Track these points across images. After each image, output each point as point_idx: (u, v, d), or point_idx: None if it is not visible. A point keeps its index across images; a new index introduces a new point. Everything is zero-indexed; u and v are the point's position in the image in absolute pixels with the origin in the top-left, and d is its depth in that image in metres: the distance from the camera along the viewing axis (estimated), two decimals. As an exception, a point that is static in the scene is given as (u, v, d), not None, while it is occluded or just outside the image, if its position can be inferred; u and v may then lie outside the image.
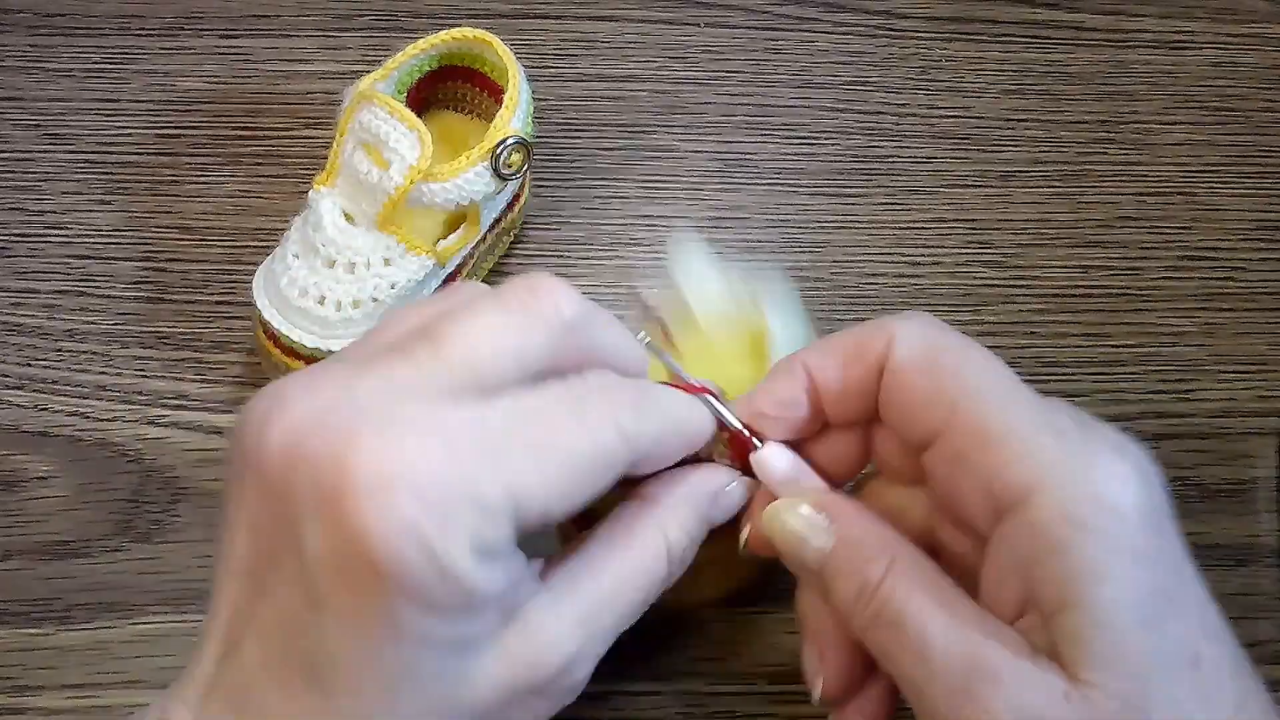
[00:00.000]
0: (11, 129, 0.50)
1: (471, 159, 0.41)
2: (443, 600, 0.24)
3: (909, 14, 0.56)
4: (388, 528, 0.23)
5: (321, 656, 0.24)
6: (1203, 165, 0.52)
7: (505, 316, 0.26)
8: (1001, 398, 0.28)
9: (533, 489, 0.25)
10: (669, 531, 0.29)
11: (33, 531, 0.40)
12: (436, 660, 0.25)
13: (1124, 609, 0.25)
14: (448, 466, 0.24)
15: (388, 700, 0.25)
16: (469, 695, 0.26)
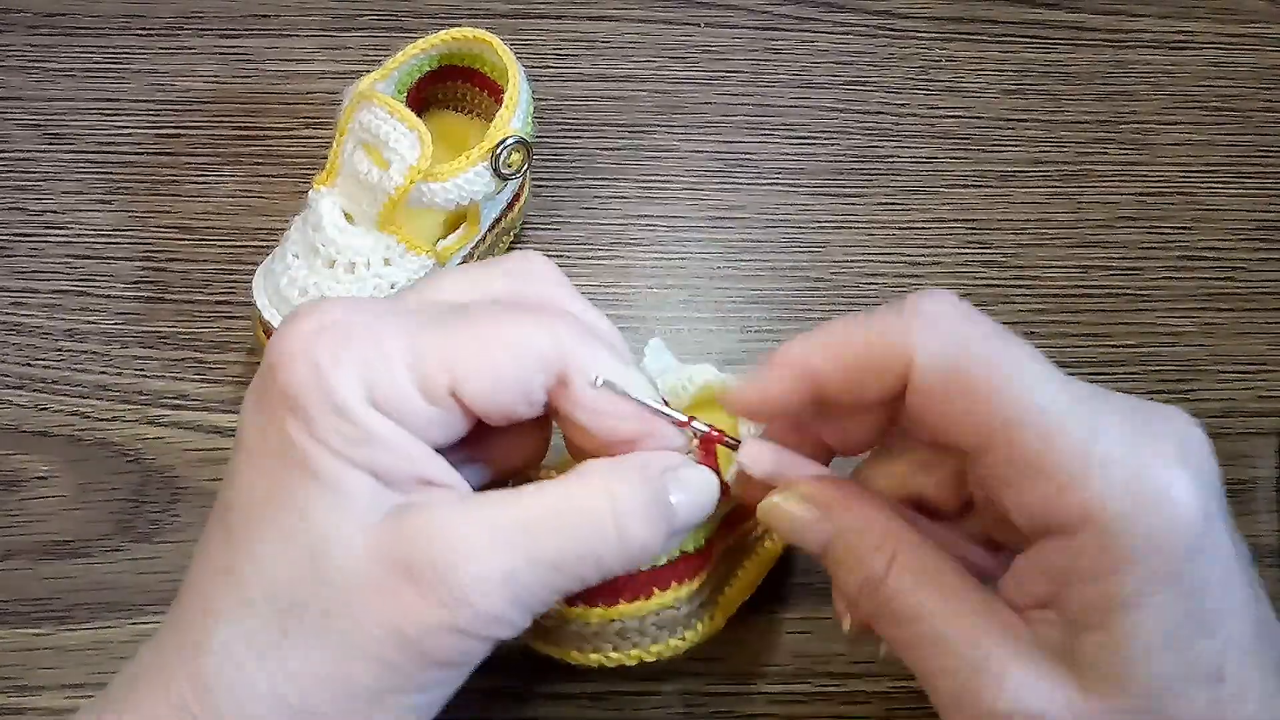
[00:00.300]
0: (11, 129, 0.50)
1: (471, 159, 0.41)
2: (323, 423, 0.25)
3: (909, 14, 0.56)
4: (289, 350, 0.26)
5: (229, 497, 0.27)
6: (1203, 165, 0.52)
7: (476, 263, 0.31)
8: (1043, 418, 0.25)
9: (441, 353, 0.26)
10: (614, 486, 0.28)
11: (33, 531, 0.41)
12: (315, 499, 0.26)
13: (1149, 635, 0.25)
14: (362, 318, 0.27)
15: (268, 530, 0.26)
16: (342, 557, 0.25)
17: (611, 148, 0.51)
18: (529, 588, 0.26)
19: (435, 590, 0.25)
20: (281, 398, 0.26)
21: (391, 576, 0.25)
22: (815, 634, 0.39)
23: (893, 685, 0.38)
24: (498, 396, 0.27)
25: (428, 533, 0.26)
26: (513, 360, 0.27)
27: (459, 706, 0.38)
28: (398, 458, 0.26)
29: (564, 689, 0.38)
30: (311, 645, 0.25)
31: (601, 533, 0.27)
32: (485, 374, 0.27)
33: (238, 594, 0.26)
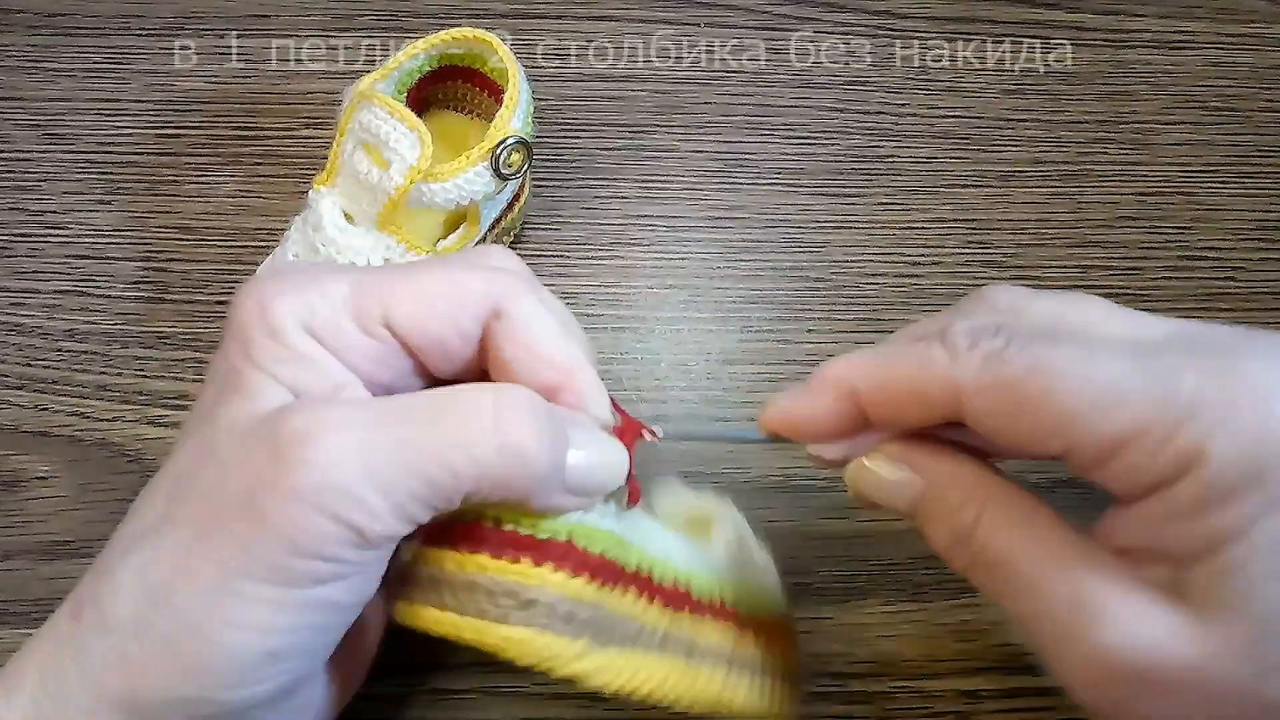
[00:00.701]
0: (11, 129, 0.50)
1: (471, 159, 0.41)
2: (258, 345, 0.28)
3: (909, 14, 0.56)
4: (242, 294, 0.28)
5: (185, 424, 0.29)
6: (1203, 165, 0.52)
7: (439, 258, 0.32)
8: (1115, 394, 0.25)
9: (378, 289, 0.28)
10: (502, 388, 0.27)
11: (33, 531, 0.41)
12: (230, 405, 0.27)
13: (1259, 560, 0.24)
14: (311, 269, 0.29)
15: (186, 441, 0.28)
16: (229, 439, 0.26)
17: (611, 148, 0.51)
18: (389, 465, 0.25)
19: (288, 456, 0.25)
20: (231, 331, 0.28)
21: (259, 454, 0.25)
22: (815, 634, 0.39)
23: (893, 685, 0.38)
24: (428, 324, 0.28)
25: (300, 411, 0.26)
26: (444, 292, 0.29)
27: (460, 706, 0.38)
28: (321, 379, 0.28)
29: (564, 689, 0.38)
30: (184, 528, 0.26)
31: (479, 421, 0.26)
32: (416, 302, 0.28)
33: (149, 491, 0.28)
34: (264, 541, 0.25)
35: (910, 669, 0.39)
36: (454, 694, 0.38)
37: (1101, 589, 0.26)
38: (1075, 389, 0.25)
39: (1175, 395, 0.25)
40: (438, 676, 0.38)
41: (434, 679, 0.38)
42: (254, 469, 0.25)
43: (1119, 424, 0.25)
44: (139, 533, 0.27)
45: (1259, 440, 0.24)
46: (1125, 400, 0.25)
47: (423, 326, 0.28)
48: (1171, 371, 0.25)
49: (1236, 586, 0.25)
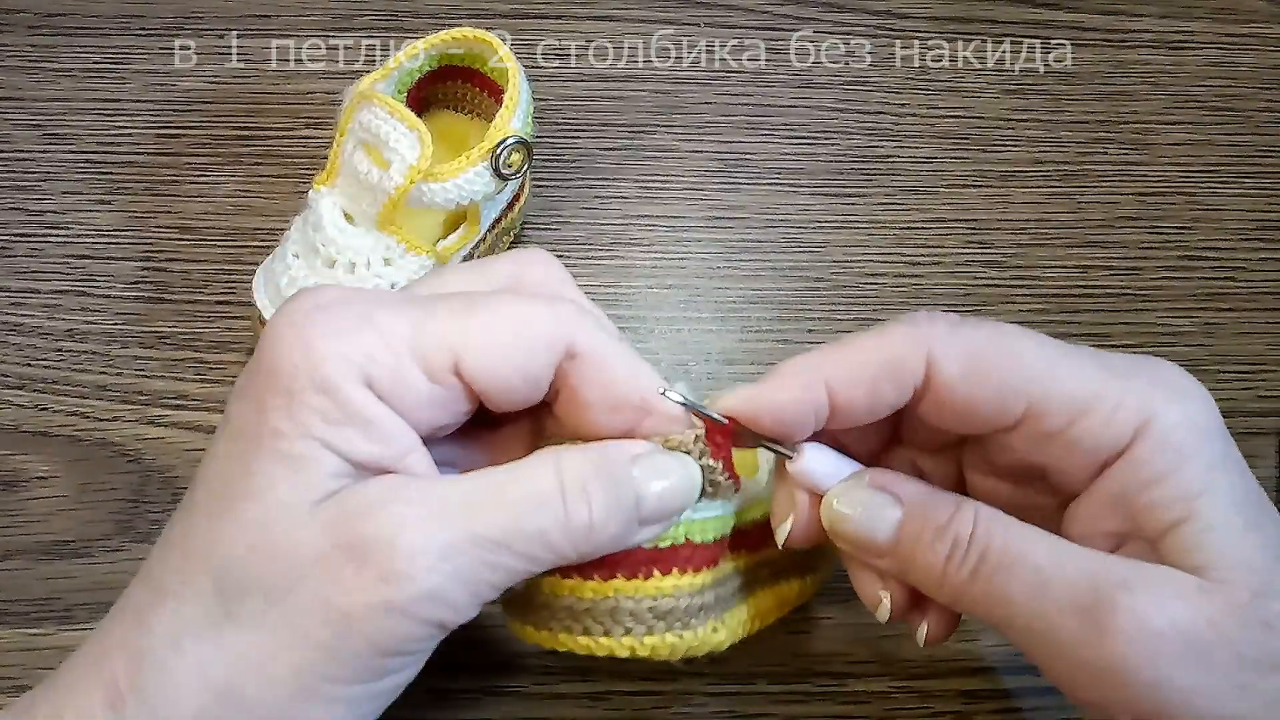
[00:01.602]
0: (11, 129, 0.50)
1: (471, 159, 0.41)
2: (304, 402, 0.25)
3: (909, 14, 0.56)
4: (281, 329, 0.26)
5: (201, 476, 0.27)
6: (1203, 165, 0.52)
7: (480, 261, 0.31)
8: (1068, 369, 0.28)
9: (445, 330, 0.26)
10: (564, 462, 0.27)
11: (33, 531, 0.41)
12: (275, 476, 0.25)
13: (1229, 515, 0.26)
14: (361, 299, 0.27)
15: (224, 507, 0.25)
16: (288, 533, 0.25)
17: (611, 148, 0.51)
18: (472, 564, 0.25)
19: (372, 564, 0.24)
20: (267, 376, 0.25)
21: (335, 552, 0.24)
22: (815, 634, 0.39)
23: (892, 685, 0.38)
24: (502, 371, 0.26)
25: (369, 507, 0.25)
26: (517, 336, 0.27)
27: (460, 706, 0.38)
28: (378, 444, 0.26)
29: (564, 689, 0.38)
30: (249, 626, 0.25)
31: (548, 508, 0.26)
32: (490, 348, 0.26)
33: (185, 571, 0.25)
34: (349, 648, 0.25)
35: (910, 669, 0.39)
36: (454, 694, 0.38)
37: (1115, 565, 0.27)
38: (1037, 356, 0.28)
39: (1117, 375, 0.28)
40: (438, 676, 0.38)
41: (434, 679, 0.38)
42: (335, 577, 0.24)
43: (1079, 385, 0.27)
44: (190, 626, 0.25)
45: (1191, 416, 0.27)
46: (1079, 370, 0.28)
47: (495, 373, 0.26)
48: (1107, 359, 0.28)
49: (1220, 542, 0.26)
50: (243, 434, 0.26)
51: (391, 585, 0.24)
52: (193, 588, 0.25)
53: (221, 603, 0.25)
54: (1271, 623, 0.26)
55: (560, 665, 0.38)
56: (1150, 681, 0.25)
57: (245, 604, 0.25)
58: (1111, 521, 0.28)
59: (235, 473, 0.26)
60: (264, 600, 0.25)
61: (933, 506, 0.29)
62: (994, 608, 0.27)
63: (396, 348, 0.26)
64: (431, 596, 0.25)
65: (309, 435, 0.25)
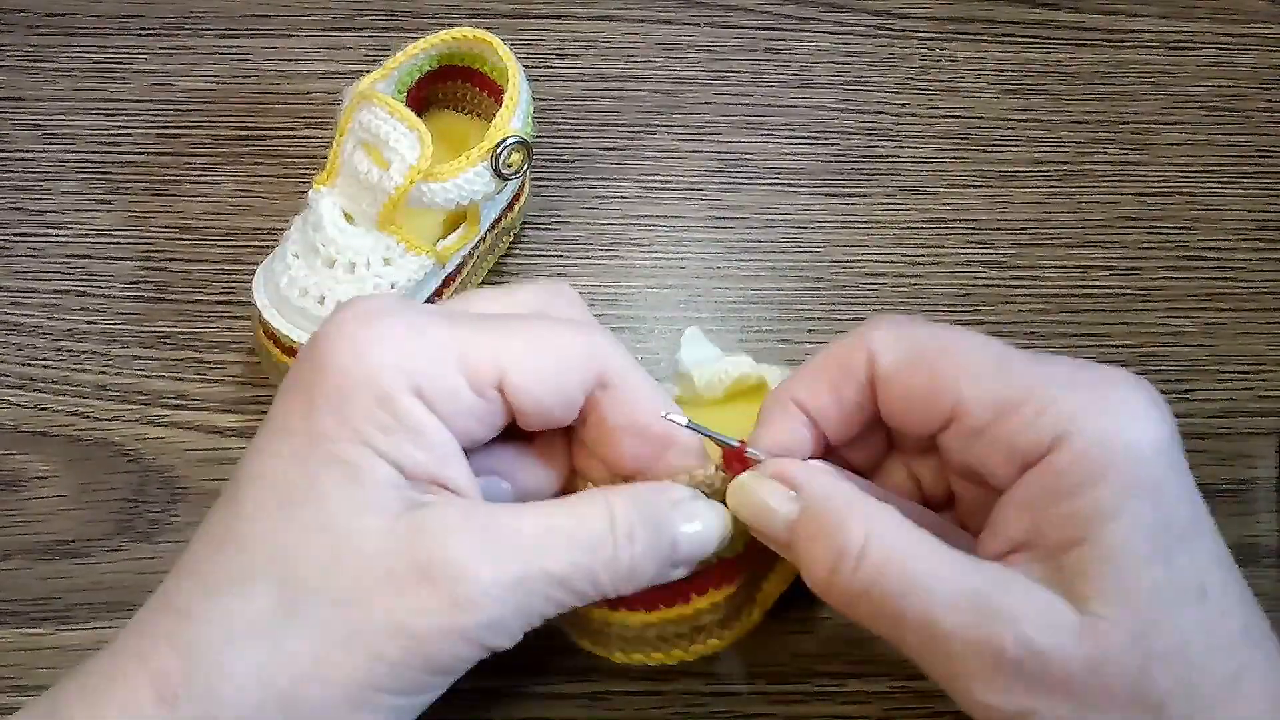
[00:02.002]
0: (11, 129, 0.50)
1: (471, 159, 0.41)
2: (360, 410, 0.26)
3: (909, 14, 0.56)
4: (336, 336, 0.27)
5: (245, 471, 0.27)
6: (1203, 165, 0.52)
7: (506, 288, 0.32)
8: (1000, 368, 0.28)
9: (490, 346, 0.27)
10: (615, 504, 0.28)
11: (33, 531, 0.41)
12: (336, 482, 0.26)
13: (1133, 544, 0.25)
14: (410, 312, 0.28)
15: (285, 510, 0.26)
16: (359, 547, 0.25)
17: (611, 148, 0.51)
18: (533, 599, 0.27)
19: (449, 591, 0.25)
20: (321, 381, 0.26)
21: (407, 573, 0.25)
22: (815, 634, 0.39)
23: (892, 685, 0.38)
24: (541, 390, 0.28)
25: (445, 532, 0.26)
26: (556, 358, 0.28)
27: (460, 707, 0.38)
28: (426, 452, 0.27)
29: (564, 689, 0.38)
30: (315, 631, 0.25)
31: (601, 549, 0.28)
32: (532, 369, 0.28)
33: (244, 568, 0.26)
34: (410, 664, 0.26)
35: (910, 669, 0.39)
36: (454, 694, 0.38)
37: (1002, 589, 0.26)
38: (970, 352, 0.28)
39: (1052, 379, 0.27)
40: (438, 676, 0.38)
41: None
42: (408, 596, 0.25)
43: (1006, 385, 0.27)
44: (250, 623, 0.25)
45: (1118, 432, 0.26)
46: (1012, 370, 0.28)
47: (535, 392, 0.28)
48: (1049, 364, 0.28)
49: (1114, 573, 0.25)
50: (294, 433, 0.26)
51: (466, 612, 0.25)
52: (252, 587, 0.25)
53: (285, 605, 0.25)
54: (1147, 666, 0.25)
55: (560, 665, 0.38)
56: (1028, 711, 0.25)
57: (310, 608, 0.25)
58: (1018, 528, 0.27)
59: (293, 474, 0.26)
60: (331, 607, 0.25)
61: (827, 510, 0.28)
62: (880, 622, 0.27)
63: (445, 359, 0.27)
64: (494, 625, 0.26)
65: (364, 442, 0.26)
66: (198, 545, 0.27)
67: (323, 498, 0.26)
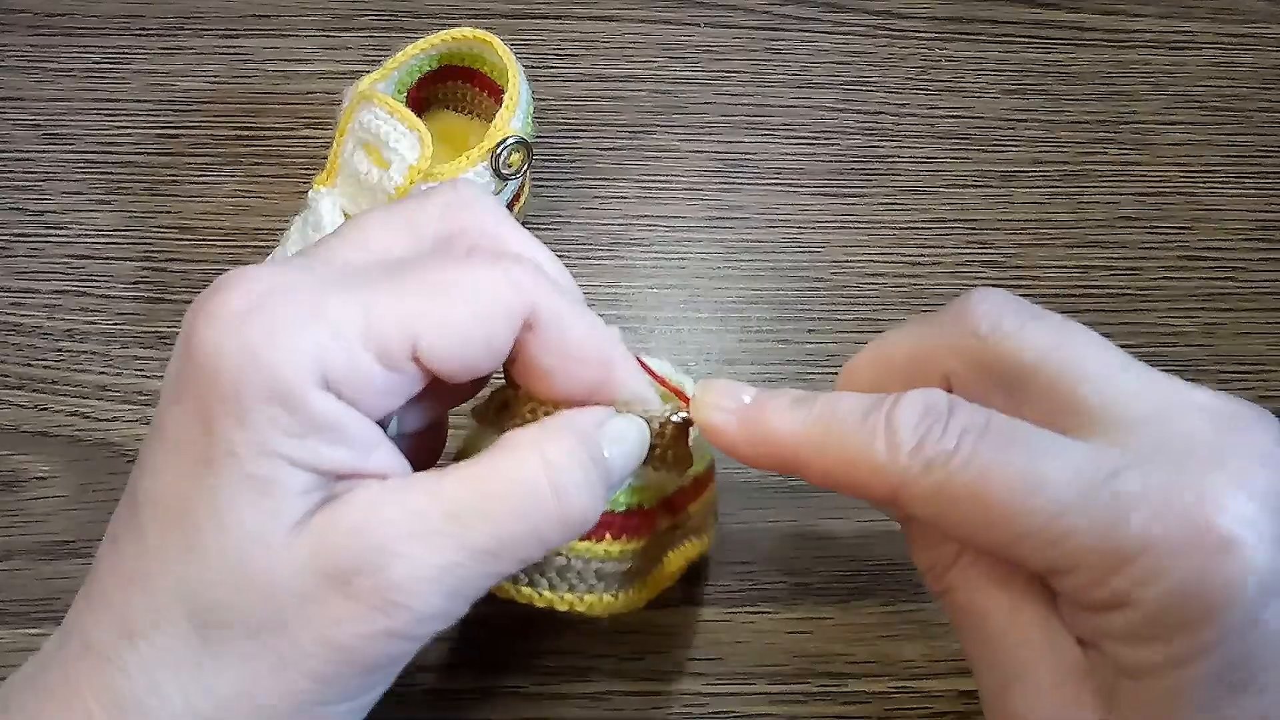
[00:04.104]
0: (11, 129, 0.50)
1: (471, 159, 0.41)
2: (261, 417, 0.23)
3: (909, 14, 0.56)
4: (217, 335, 0.23)
5: (142, 493, 0.24)
6: (1203, 165, 0.52)
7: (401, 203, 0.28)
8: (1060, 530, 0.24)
9: (398, 314, 0.24)
10: (548, 451, 0.25)
11: (33, 531, 0.41)
12: (241, 503, 0.23)
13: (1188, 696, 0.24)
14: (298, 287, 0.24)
15: (189, 539, 0.23)
16: (266, 567, 0.23)
17: (611, 148, 0.51)
18: (466, 578, 0.24)
19: (368, 596, 0.23)
20: (210, 388, 0.23)
21: (321, 585, 0.23)
22: (815, 634, 0.39)
23: (892, 685, 0.38)
24: (462, 352, 0.25)
25: (353, 533, 0.24)
26: (476, 313, 0.25)
27: (460, 707, 0.38)
28: (345, 449, 0.24)
29: (564, 689, 0.38)
30: (235, 660, 0.23)
31: (541, 507, 0.25)
32: (449, 331, 0.24)
33: (154, 604, 0.24)
34: (343, 673, 0.24)
35: (910, 669, 0.39)
36: (454, 694, 0.38)
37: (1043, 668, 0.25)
38: (1016, 516, 0.24)
39: (1117, 539, 0.23)
40: (438, 676, 0.38)
41: (434, 679, 0.38)
42: (327, 610, 0.23)
43: (1055, 557, 0.24)
44: (169, 665, 0.24)
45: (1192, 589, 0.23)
46: (1066, 537, 0.24)
47: (454, 355, 0.25)
48: (1120, 508, 0.23)
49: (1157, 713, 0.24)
50: (189, 451, 0.23)
51: (391, 615, 0.24)
52: (166, 624, 0.24)
53: (201, 638, 0.24)
54: None
55: (560, 665, 0.38)
56: None
57: (227, 639, 0.23)
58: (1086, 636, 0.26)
59: (193, 497, 0.23)
60: (246, 634, 0.23)
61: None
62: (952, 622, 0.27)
63: (350, 339, 0.23)
64: (427, 618, 0.24)
65: (272, 453, 0.23)
66: (107, 577, 0.25)
67: (229, 522, 0.23)
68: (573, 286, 0.29)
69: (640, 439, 0.29)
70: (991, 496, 0.24)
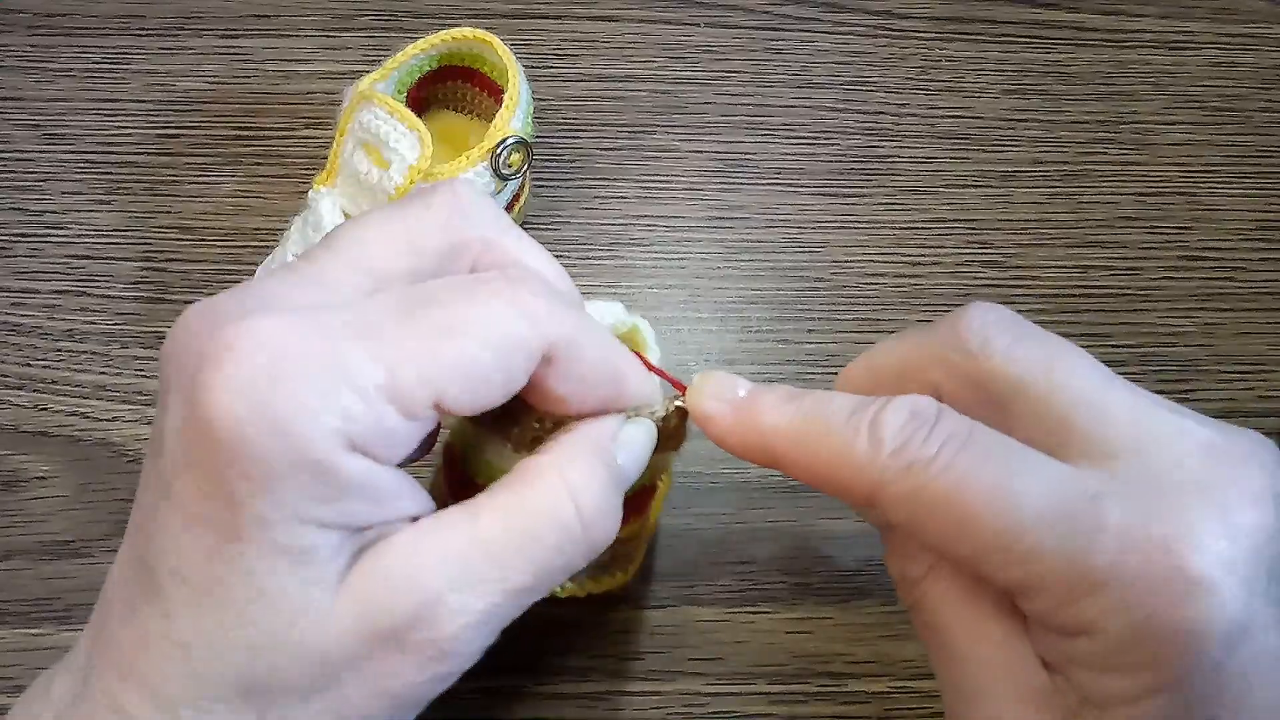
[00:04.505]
0: (11, 129, 0.50)
1: (471, 159, 0.41)
2: (291, 488, 0.22)
3: (909, 14, 0.56)
4: (231, 395, 0.22)
5: (161, 562, 0.23)
6: (1203, 165, 0.52)
7: (400, 211, 0.27)
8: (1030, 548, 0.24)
9: (418, 364, 0.23)
10: (571, 477, 0.26)
11: (33, 531, 0.41)
12: (279, 572, 0.23)
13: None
14: (310, 338, 0.23)
15: (224, 610, 0.23)
16: (315, 632, 0.23)
17: (611, 148, 0.51)
18: (507, 615, 0.25)
19: (422, 649, 0.24)
20: (232, 461, 0.22)
21: (372, 643, 0.24)
22: (815, 634, 0.39)
23: (892, 685, 0.38)
24: (484, 393, 0.25)
25: (400, 586, 0.24)
26: (496, 357, 0.24)
27: (460, 707, 0.38)
28: (375, 505, 0.24)
29: (564, 689, 0.38)
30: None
31: (571, 538, 0.26)
32: (471, 378, 0.24)
33: (196, 682, 0.23)
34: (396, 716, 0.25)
35: (910, 669, 0.39)
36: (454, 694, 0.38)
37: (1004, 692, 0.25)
38: (987, 529, 0.24)
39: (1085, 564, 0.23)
40: (438, 676, 0.38)
41: (434, 679, 0.38)
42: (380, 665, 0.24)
43: (1021, 576, 0.24)
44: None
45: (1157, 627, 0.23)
46: (1034, 555, 0.24)
47: (475, 399, 0.24)
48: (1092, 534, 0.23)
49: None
50: (214, 524, 0.23)
51: (444, 662, 0.24)
52: (214, 700, 0.23)
53: (250, 706, 0.23)
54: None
55: (560, 665, 0.38)
56: None
57: (278, 704, 0.24)
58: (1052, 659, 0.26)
59: (222, 569, 0.23)
60: (299, 698, 0.24)
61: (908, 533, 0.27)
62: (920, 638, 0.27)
63: (373, 399, 0.23)
64: (476, 655, 0.25)
65: (304, 520, 0.23)
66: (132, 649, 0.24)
67: (269, 593, 0.23)
68: (573, 292, 0.29)
69: (649, 441, 0.29)
70: (966, 506, 0.24)
